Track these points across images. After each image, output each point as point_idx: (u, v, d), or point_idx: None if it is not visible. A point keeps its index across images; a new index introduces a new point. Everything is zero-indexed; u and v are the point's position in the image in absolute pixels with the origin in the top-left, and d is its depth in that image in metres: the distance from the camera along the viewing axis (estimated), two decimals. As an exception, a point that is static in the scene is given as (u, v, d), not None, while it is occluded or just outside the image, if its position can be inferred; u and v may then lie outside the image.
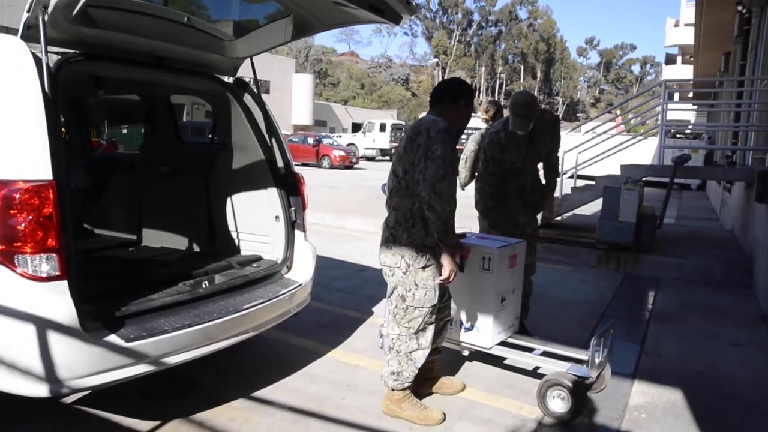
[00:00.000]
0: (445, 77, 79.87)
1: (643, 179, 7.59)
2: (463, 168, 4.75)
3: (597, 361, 3.12)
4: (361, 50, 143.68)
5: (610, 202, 6.93)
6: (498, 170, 4.01)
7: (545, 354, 3.39)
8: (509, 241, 3.53)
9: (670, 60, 44.74)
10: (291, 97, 46.18)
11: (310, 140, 25.50)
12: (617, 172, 7.81)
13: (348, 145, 28.89)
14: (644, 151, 10.80)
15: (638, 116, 12.34)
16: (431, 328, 2.91)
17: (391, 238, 2.80)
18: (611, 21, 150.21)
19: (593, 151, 8.67)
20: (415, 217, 2.74)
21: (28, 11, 2.39)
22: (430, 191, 2.60)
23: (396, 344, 2.89)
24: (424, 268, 2.78)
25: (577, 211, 8.75)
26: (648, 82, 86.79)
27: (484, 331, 3.38)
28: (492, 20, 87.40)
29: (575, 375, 3.06)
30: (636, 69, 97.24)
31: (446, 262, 2.75)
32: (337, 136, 33.33)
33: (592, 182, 8.17)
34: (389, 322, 2.96)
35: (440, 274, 2.80)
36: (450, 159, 2.66)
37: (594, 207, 8.67)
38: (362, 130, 33.68)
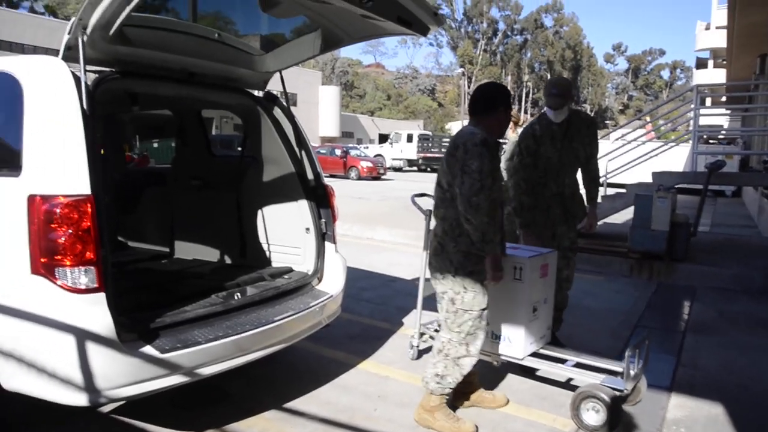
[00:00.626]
0: (471, 87, 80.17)
1: (676, 186, 7.44)
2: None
3: (632, 372, 3.06)
4: (387, 61, 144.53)
5: (642, 210, 6.80)
6: (533, 162, 3.93)
7: (579, 365, 3.33)
8: (540, 250, 3.49)
9: (701, 64, 43.96)
10: (318, 109, 46.68)
11: (338, 152, 25.68)
12: (648, 179, 7.68)
13: (375, 156, 29.01)
14: (676, 158, 10.58)
15: (669, 122, 12.13)
16: (481, 335, 2.95)
17: (440, 247, 2.91)
18: (639, 26, 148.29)
19: (623, 159, 8.54)
20: (462, 227, 2.80)
21: (69, 33, 2.48)
22: (466, 205, 2.69)
23: (446, 348, 2.93)
24: (471, 272, 2.85)
25: (607, 220, 8.62)
26: (678, 88, 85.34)
27: (516, 342, 3.34)
28: (517, 29, 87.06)
29: (610, 387, 3.00)
30: (665, 74, 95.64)
31: (489, 268, 2.82)
32: (364, 148, 33.53)
33: (623, 190, 8.04)
34: (441, 328, 3.02)
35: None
36: (488, 171, 2.71)
37: (625, 215, 8.53)
38: (389, 140, 33.80)
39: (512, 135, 5.52)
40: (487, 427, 3.02)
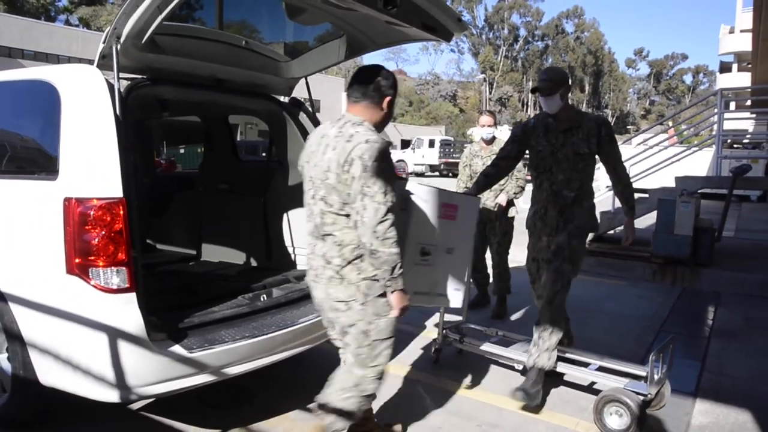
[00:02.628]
0: (493, 93, 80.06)
1: (700, 191, 7.36)
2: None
3: (656, 377, 3.05)
4: (409, 68, 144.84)
5: (665, 214, 6.75)
6: (515, 154, 3.72)
7: (602, 369, 3.33)
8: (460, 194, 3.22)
9: (724, 68, 43.31)
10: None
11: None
12: (671, 184, 7.60)
13: (397, 161, 29.03)
14: (699, 163, 10.42)
15: (692, 127, 11.98)
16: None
17: (338, 276, 2.38)
18: (661, 31, 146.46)
19: (645, 164, 8.46)
20: (362, 251, 2.34)
21: (104, 42, 2.57)
22: (370, 236, 2.22)
23: (362, 384, 2.47)
24: (380, 296, 2.40)
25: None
26: (701, 92, 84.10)
27: None
28: (538, 35, 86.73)
29: (633, 391, 2.99)
30: (688, 79, 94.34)
31: (395, 303, 2.37)
32: (386, 153, 33.56)
33: (646, 195, 7.97)
34: (353, 365, 2.48)
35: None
36: (391, 190, 2.28)
37: (647, 220, 8.44)
38: (411, 146, 33.82)
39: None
40: (508, 430, 3.03)
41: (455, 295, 3.26)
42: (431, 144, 32.36)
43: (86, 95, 2.57)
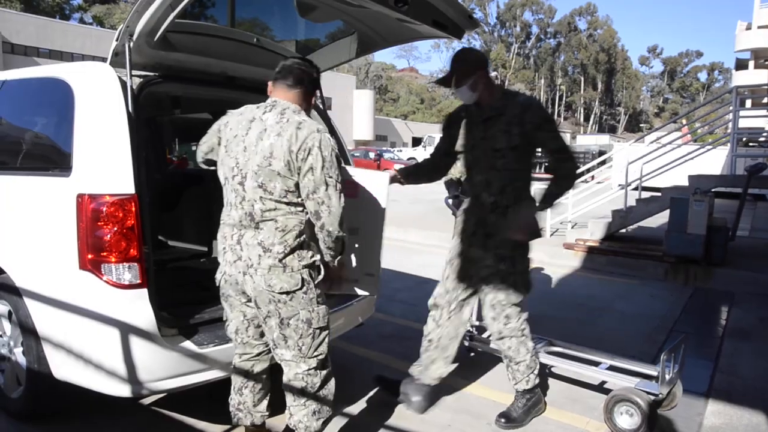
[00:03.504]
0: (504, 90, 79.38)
1: (713, 190, 7.29)
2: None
3: (667, 377, 3.02)
4: (420, 65, 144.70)
5: (678, 213, 6.69)
6: (445, 148, 3.20)
7: (612, 368, 3.31)
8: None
9: (740, 65, 42.77)
10: (352, 113, 47.13)
11: (372, 155, 25.82)
12: (684, 183, 7.54)
13: (408, 159, 29.06)
14: (713, 161, 10.32)
15: (706, 125, 11.86)
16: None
17: (280, 265, 2.30)
18: (675, 28, 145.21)
19: (658, 162, 8.40)
20: (304, 237, 2.35)
21: (117, 40, 2.59)
22: (337, 225, 2.31)
23: (309, 382, 2.44)
24: (317, 285, 2.43)
25: (641, 223, 8.49)
26: (716, 90, 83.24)
27: None
28: (551, 32, 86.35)
29: (644, 391, 2.98)
30: (703, 76, 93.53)
31: (339, 270, 2.59)
32: (397, 151, 33.64)
33: (658, 194, 7.91)
34: (293, 361, 2.43)
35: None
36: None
37: (659, 219, 8.38)
38: (422, 144, 33.88)
39: None
40: (518, 429, 3.02)
41: (367, 280, 3.00)
42: (443, 142, 32.35)
43: (99, 92, 2.59)
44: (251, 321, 2.48)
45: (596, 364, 3.39)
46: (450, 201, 4.27)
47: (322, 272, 2.43)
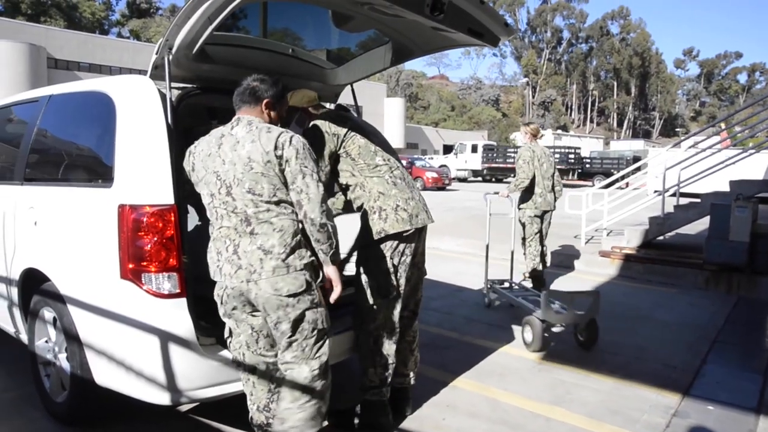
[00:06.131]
0: (536, 97, 79.03)
1: (757, 195, 7.06)
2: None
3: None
4: (451, 73, 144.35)
5: (719, 220, 6.49)
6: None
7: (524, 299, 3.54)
8: None
9: (781, 67, 41.43)
10: (383, 121, 47.30)
11: (403, 162, 25.69)
12: (724, 188, 7.32)
13: (440, 166, 28.98)
14: (755, 166, 9.99)
15: (747, 128, 11.51)
16: None
17: (283, 265, 2.32)
18: (712, 29, 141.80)
19: (696, 168, 8.18)
20: (300, 237, 2.39)
21: (156, 53, 2.64)
22: (319, 211, 2.34)
23: (313, 384, 2.42)
24: (318, 285, 2.46)
25: (680, 231, 8.28)
26: (757, 92, 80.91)
27: None
28: (582, 37, 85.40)
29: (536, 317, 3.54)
30: (742, 78, 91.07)
31: (336, 276, 2.46)
32: (429, 158, 33.57)
33: (697, 200, 7.70)
34: (295, 363, 2.42)
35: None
36: (319, 168, 2.48)
37: (698, 226, 8.16)
38: (454, 151, 33.71)
39: (531, 143, 5.93)
40: (558, 441, 2.96)
41: None
42: (474, 149, 32.21)
43: (140, 105, 2.65)
44: (260, 332, 2.49)
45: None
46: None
47: (321, 275, 2.46)
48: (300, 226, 2.40)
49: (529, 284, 5.72)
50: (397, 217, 2.91)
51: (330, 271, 2.44)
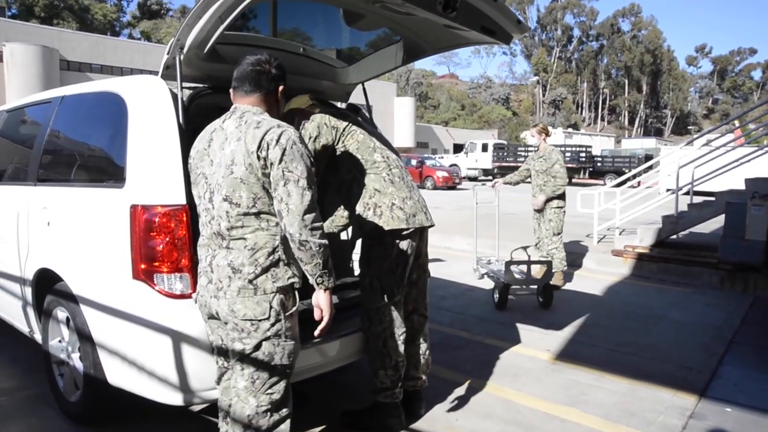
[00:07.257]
0: (546, 95, 78.70)
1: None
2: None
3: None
4: (461, 72, 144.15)
5: (734, 218, 6.41)
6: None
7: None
8: None
9: (796, 64, 40.93)
10: (393, 120, 47.33)
11: (414, 162, 25.71)
12: (739, 186, 7.23)
13: (450, 165, 28.94)
14: (771, 164, 9.87)
15: (762, 126, 11.36)
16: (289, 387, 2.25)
17: (250, 287, 2.08)
18: (725, 25, 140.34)
19: (710, 166, 8.08)
20: (279, 255, 2.12)
21: (168, 53, 2.64)
22: (299, 225, 2.02)
23: (258, 422, 2.14)
24: (291, 315, 2.17)
25: (694, 229, 8.19)
26: (771, 89, 79.98)
27: None
28: (593, 34, 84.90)
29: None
30: (757, 75, 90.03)
31: (326, 305, 2.14)
32: (439, 157, 33.54)
33: (711, 198, 7.61)
34: (239, 398, 2.17)
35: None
36: (314, 176, 2.11)
37: (712, 224, 8.07)
38: (464, 150, 33.66)
39: (544, 145, 6.09)
40: (573, 443, 2.93)
41: None
42: (484, 148, 32.14)
43: (152, 105, 2.65)
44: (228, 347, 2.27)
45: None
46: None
47: (298, 301, 2.20)
48: (280, 242, 2.13)
49: (560, 282, 6.16)
50: (393, 215, 2.86)
51: (318, 297, 2.14)
